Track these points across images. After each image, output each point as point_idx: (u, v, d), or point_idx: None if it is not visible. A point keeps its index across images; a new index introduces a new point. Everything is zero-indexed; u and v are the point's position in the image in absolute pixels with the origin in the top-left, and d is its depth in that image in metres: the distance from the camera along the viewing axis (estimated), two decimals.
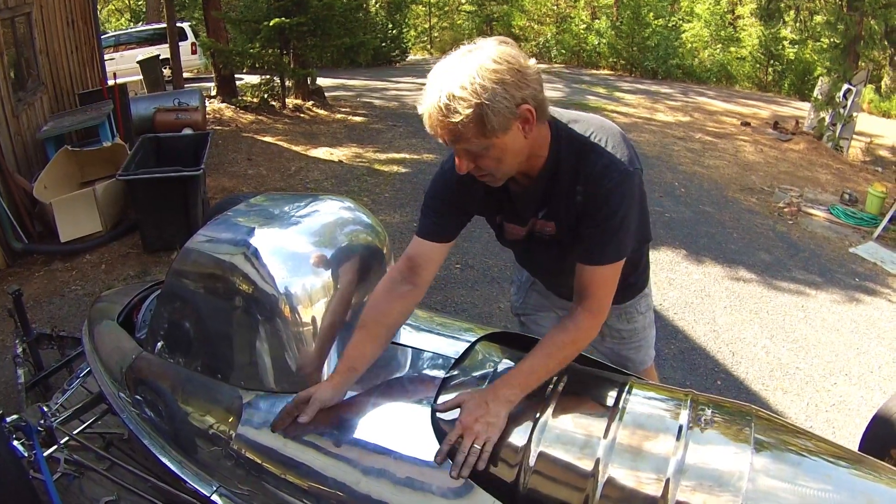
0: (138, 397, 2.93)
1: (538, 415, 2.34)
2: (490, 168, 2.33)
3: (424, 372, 2.71)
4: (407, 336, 2.87)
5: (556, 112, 2.48)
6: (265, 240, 2.64)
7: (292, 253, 2.62)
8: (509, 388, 2.37)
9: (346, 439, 2.38)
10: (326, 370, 2.57)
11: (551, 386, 2.48)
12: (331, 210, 3.02)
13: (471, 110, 2.13)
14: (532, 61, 2.26)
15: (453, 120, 2.15)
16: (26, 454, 2.96)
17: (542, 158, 2.44)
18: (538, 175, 2.47)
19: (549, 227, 2.59)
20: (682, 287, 7.58)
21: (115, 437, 3.52)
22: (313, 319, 2.53)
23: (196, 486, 2.57)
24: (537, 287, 3.34)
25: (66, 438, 3.26)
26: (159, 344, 2.92)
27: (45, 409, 3.28)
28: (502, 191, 2.56)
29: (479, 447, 2.22)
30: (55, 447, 3.19)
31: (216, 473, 2.59)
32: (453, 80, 2.15)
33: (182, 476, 2.60)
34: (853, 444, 3.84)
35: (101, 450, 3.34)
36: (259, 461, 2.49)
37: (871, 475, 2.23)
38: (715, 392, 5.44)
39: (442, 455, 2.22)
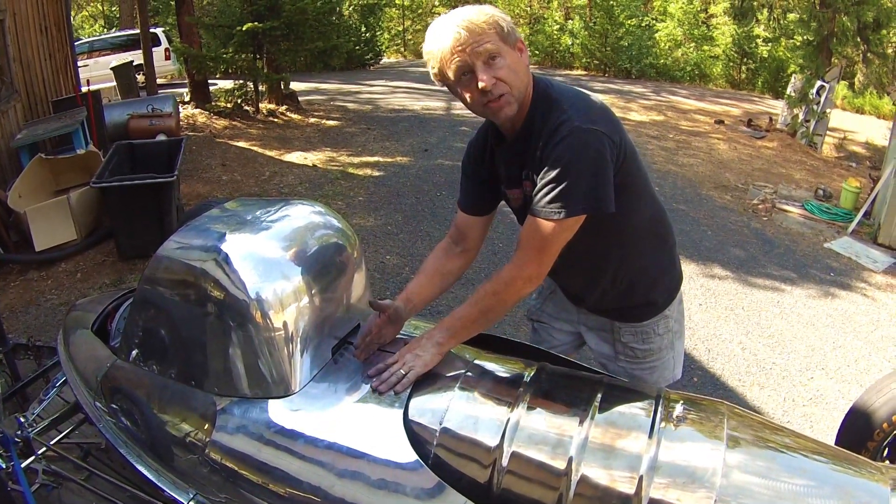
0: (114, 406, 2.92)
1: (510, 414, 2.35)
2: (508, 79, 2.47)
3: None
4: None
5: (544, 76, 2.69)
6: (236, 245, 2.63)
7: (263, 258, 2.62)
8: (440, 331, 2.65)
9: (319, 443, 2.38)
10: (299, 374, 2.55)
11: (523, 385, 2.49)
12: (301, 215, 3.02)
13: (490, 18, 2.45)
14: None
15: (479, 27, 2.41)
16: (4, 465, 2.95)
17: (525, 109, 2.60)
18: (519, 128, 2.62)
19: (530, 188, 2.62)
20: None
21: (92, 446, 3.50)
22: (285, 324, 2.53)
23: (173, 495, 2.57)
24: (557, 296, 3.33)
25: (44, 449, 3.24)
26: (133, 352, 2.90)
27: (22, 419, 3.26)
28: (499, 154, 2.77)
29: (403, 372, 2.52)
30: (33, 458, 3.17)
31: (193, 481, 2.58)
32: (464, 12, 2.45)
33: (159, 484, 2.60)
34: (831, 438, 3.88)
35: (79, 460, 3.33)
36: (234, 467, 2.48)
37: (845, 468, 2.25)
38: (692, 389, 5.47)
39: (376, 370, 2.56)
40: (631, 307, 3.02)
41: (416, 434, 2.35)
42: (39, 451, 3.22)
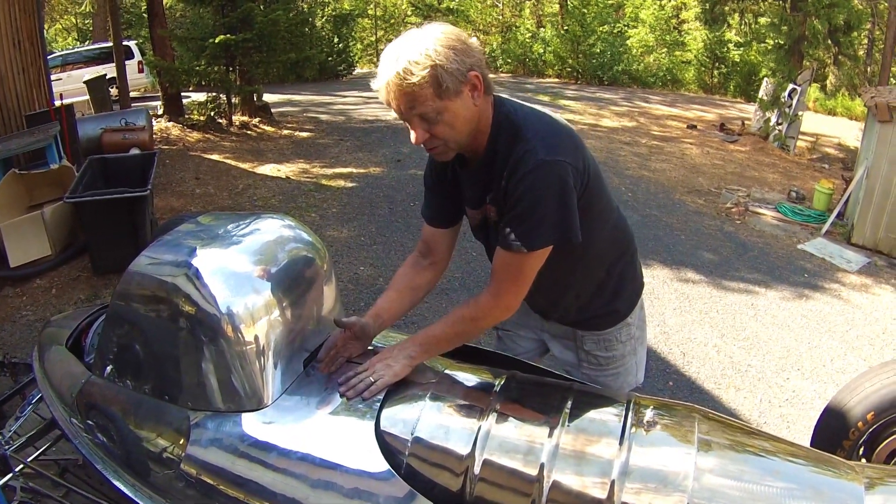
0: (90, 422, 2.91)
1: (482, 422, 2.37)
2: (444, 135, 2.45)
3: None
4: None
5: (509, 99, 2.62)
6: (207, 260, 2.64)
7: (233, 272, 2.62)
8: (412, 345, 2.66)
9: (293, 455, 2.38)
10: (271, 387, 2.55)
11: (494, 393, 2.51)
12: (272, 228, 3.02)
13: (426, 71, 2.30)
14: (474, 39, 2.47)
15: (411, 80, 2.30)
16: None
17: (486, 136, 2.56)
18: (482, 155, 2.58)
19: (493, 213, 2.65)
20: None
21: (70, 463, 3.50)
22: (256, 338, 2.53)
23: None
24: (521, 305, 3.34)
25: (21, 466, 3.23)
26: (108, 367, 2.90)
27: None
28: (462, 175, 2.73)
29: (371, 380, 2.54)
30: (10, 475, 3.16)
31: (169, 496, 2.57)
32: (408, 49, 2.33)
33: (136, 500, 2.59)
34: (807, 438, 3.89)
35: (57, 476, 3.32)
36: (209, 481, 2.48)
37: (819, 468, 2.27)
38: (667, 393, 5.49)
39: (346, 378, 2.57)
40: (594, 317, 3.05)
41: (387, 444, 2.36)
42: (17, 469, 3.21)
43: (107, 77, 16.40)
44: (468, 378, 2.71)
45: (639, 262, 3.17)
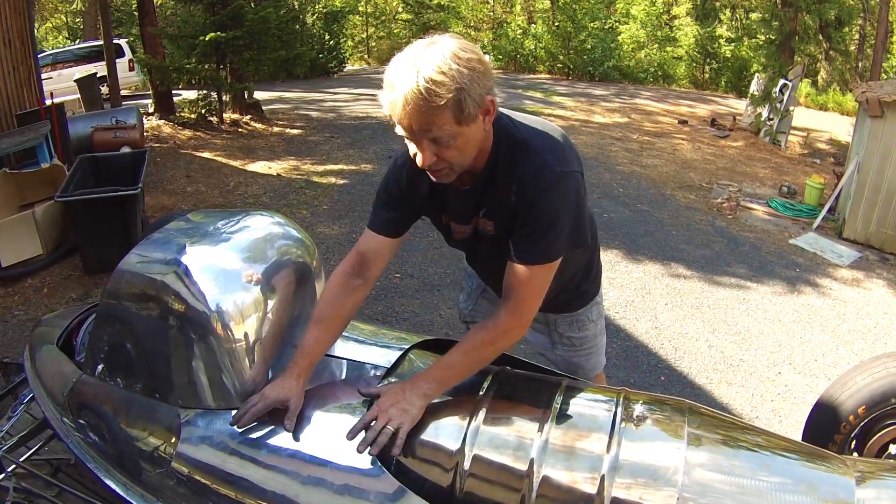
0: (81, 421, 2.90)
1: (471, 418, 2.37)
2: (452, 160, 2.32)
3: (358, 383, 2.71)
4: (340, 347, 2.89)
5: (500, 112, 2.46)
6: (195, 258, 2.64)
7: (223, 270, 2.63)
8: (426, 382, 2.44)
9: (283, 452, 2.39)
10: (261, 384, 2.56)
11: (483, 389, 2.52)
12: (261, 226, 3.02)
13: (452, 94, 2.13)
14: (487, 56, 2.34)
15: (436, 104, 2.13)
16: None
17: (485, 155, 2.45)
18: (479, 173, 2.48)
19: (489, 226, 2.61)
20: (623, 286, 7.65)
21: (62, 462, 3.48)
22: (245, 335, 2.54)
23: None
24: (488, 294, 3.35)
25: (13, 466, 3.21)
26: (99, 366, 2.89)
27: None
28: (446, 189, 2.59)
29: (391, 429, 2.29)
30: (2, 475, 3.15)
31: (161, 494, 2.57)
32: (428, 66, 2.13)
33: (128, 499, 2.58)
34: (799, 432, 3.90)
35: (49, 476, 3.30)
36: (200, 478, 2.48)
37: (809, 462, 2.28)
38: (659, 388, 5.50)
39: (354, 432, 2.30)
40: (566, 300, 3.10)
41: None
42: (9, 469, 3.20)
43: (97, 75, 16.33)
44: None
45: (598, 243, 3.18)
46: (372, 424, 2.32)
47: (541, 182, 2.37)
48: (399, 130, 2.28)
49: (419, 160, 2.32)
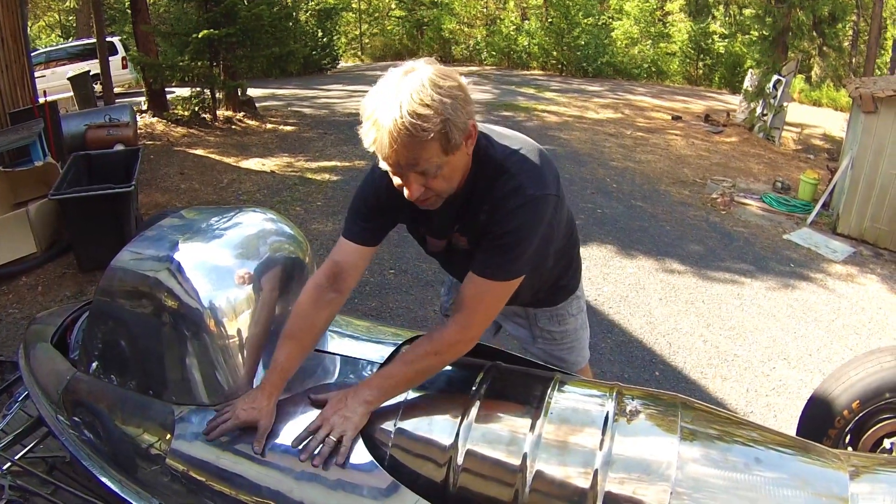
0: (76, 419, 2.91)
1: (465, 413, 2.38)
2: (439, 189, 2.30)
3: (350, 378, 2.74)
4: (333, 343, 2.90)
5: (480, 127, 2.42)
6: (188, 254, 2.64)
7: (215, 266, 2.63)
8: (368, 389, 2.42)
9: (277, 448, 2.39)
10: (254, 380, 2.58)
11: (476, 384, 2.52)
12: (254, 222, 3.03)
13: (438, 127, 2.10)
14: (464, 78, 2.24)
15: (423, 138, 2.10)
16: None
17: (464, 176, 2.41)
18: (457, 192, 2.43)
19: (463, 241, 2.62)
20: (617, 281, 7.65)
21: (57, 460, 3.48)
22: (238, 331, 2.55)
23: None
24: None
25: (9, 464, 3.21)
26: (93, 364, 2.89)
27: None
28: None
29: (333, 439, 2.29)
30: None
31: (156, 491, 2.57)
32: (410, 99, 2.08)
33: (123, 496, 2.59)
34: (794, 427, 3.91)
35: (45, 474, 3.31)
36: (194, 475, 2.48)
37: (803, 457, 2.28)
38: (653, 383, 5.51)
39: (298, 440, 2.34)
40: (546, 295, 3.11)
41: (371, 436, 2.37)
42: (5, 467, 3.20)
43: (90, 73, 16.34)
44: (450, 369, 2.69)
45: (578, 237, 3.17)
46: (316, 434, 2.34)
47: (513, 202, 2.35)
48: (383, 165, 2.26)
49: (406, 193, 2.30)
